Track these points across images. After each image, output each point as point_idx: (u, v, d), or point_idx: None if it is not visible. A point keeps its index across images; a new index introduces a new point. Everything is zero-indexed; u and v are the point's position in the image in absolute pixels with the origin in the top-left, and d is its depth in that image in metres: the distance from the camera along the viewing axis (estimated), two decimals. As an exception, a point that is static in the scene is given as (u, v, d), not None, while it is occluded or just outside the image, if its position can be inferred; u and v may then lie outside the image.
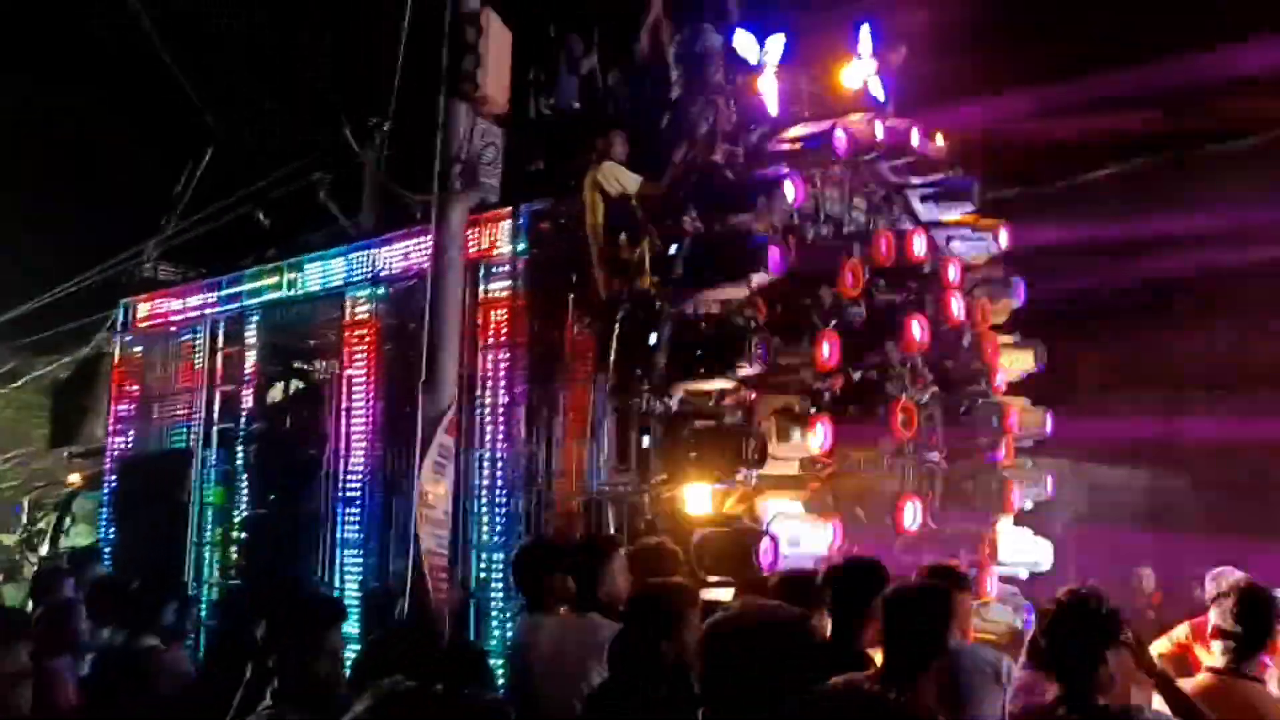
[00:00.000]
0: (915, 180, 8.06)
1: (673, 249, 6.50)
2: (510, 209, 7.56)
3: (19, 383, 17.21)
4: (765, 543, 5.89)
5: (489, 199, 6.89)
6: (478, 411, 7.44)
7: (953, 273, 7.82)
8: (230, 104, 13.59)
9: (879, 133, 7.18)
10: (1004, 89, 9.26)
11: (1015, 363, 8.57)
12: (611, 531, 6.53)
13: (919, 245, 7.52)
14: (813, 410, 6.76)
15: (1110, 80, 9.51)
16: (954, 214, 8.28)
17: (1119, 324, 10.78)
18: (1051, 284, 8.99)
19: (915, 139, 7.64)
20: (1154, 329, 10.91)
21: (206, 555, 9.41)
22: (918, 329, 7.01)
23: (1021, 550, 8.27)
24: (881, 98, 8.17)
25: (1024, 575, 8.34)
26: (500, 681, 6.06)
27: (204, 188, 13.44)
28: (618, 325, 6.54)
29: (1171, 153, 10.10)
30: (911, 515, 6.74)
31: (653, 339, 6.30)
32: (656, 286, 6.51)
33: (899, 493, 6.91)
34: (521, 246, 7.50)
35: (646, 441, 6.29)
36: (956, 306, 7.59)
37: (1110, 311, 10.72)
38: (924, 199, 8.19)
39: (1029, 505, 8.35)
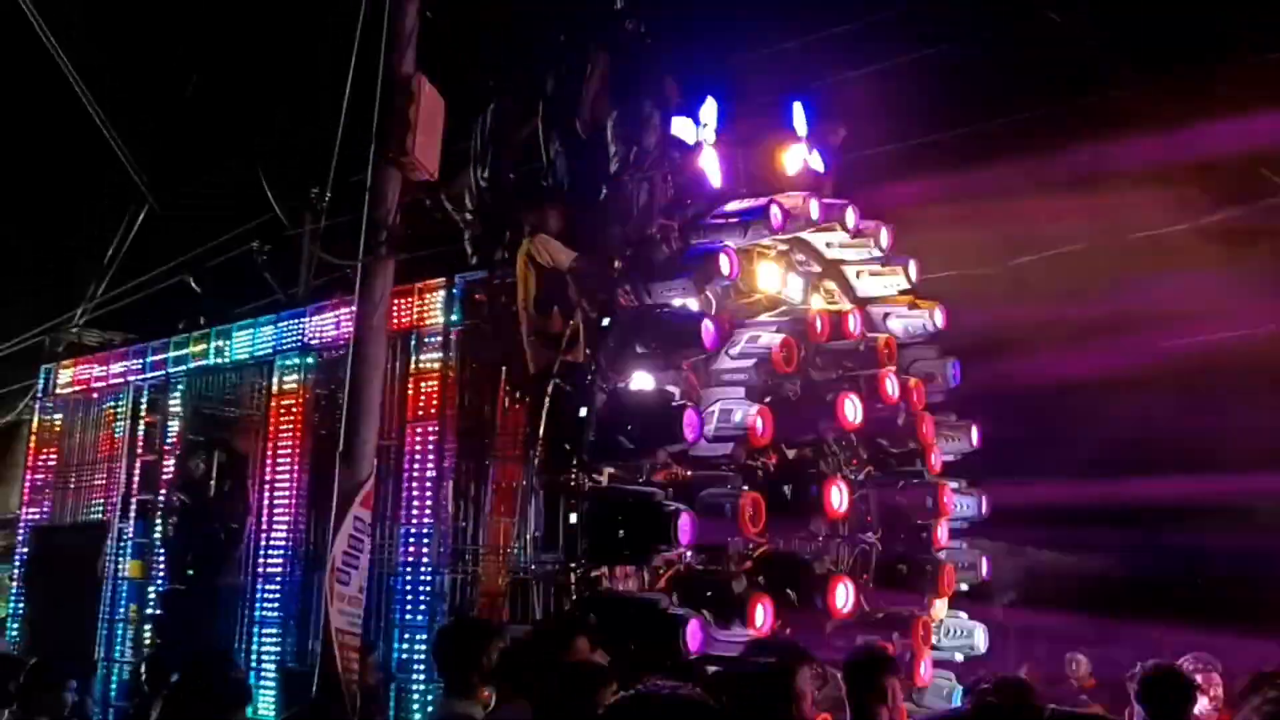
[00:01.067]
0: (851, 257, 8.07)
1: (605, 323, 6.40)
2: (444, 279, 7.47)
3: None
4: (691, 625, 5.73)
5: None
6: (404, 485, 7.25)
7: (888, 351, 7.80)
8: (166, 170, 13.44)
9: (814, 210, 7.17)
10: (942, 171, 9.36)
11: (951, 443, 8.54)
12: (538, 613, 6.35)
13: (854, 323, 7.49)
14: (745, 488, 6.64)
15: (1047, 162, 9.68)
16: (890, 292, 8.31)
17: (1051, 404, 10.87)
18: (986, 366, 9.03)
19: (850, 217, 7.66)
20: (1080, 408, 11.03)
21: (119, 631, 9.05)
22: (851, 407, 6.95)
23: (957, 634, 8.18)
24: (820, 174, 8.22)
25: (959, 659, 8.24)
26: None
27: (138, 254, 13.23)
28: (547, 399, 6.41)
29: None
30: (843, 597, 6.61)
31: (582, 413, 6.17)
32: (588, 360, 6.40)
33: (831, 574, 6.78)
34: (455, 317, 7.39)
35: (574, 519, 6.12)
36: (891, 385, 7.54)
37: (1040, 392, 10.80)
38: (859, 276, 8.20)
39: (964, 587, 8.27)
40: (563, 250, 6.81)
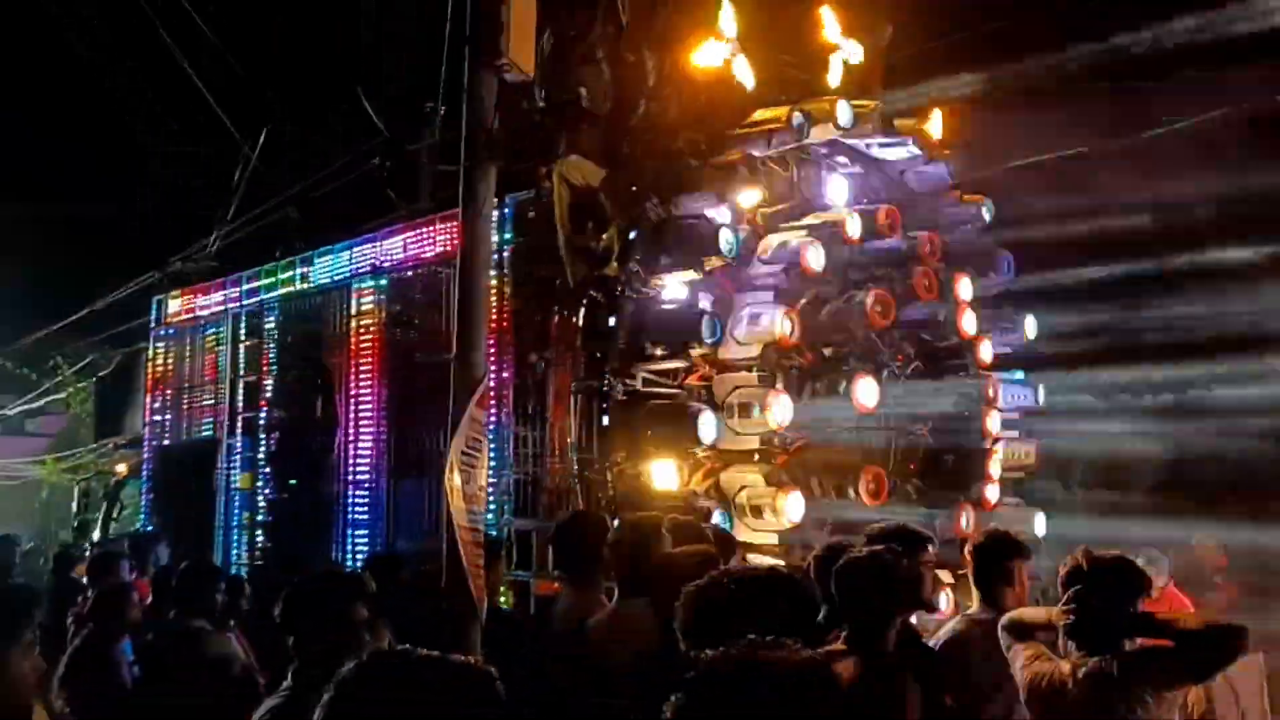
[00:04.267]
0: (892, 156, 8.15)
1: (632, 235, 6.71)
2: (496, 199, 7.85)
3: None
4: (714, 517, 6.11)
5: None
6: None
7: (929, 247, 7.90)
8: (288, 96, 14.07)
9: (842, 114, 7.25)
10: (987, 66, 9.26)
11: (1006, 335, 8.63)
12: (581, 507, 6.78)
13: (890, 222, 7.60)
14: (778, 387, 6.93)
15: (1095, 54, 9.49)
16: (936, 188, 8.37)
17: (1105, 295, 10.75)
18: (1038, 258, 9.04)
19: (881, 116, 7.72)
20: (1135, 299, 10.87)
21: (235, 538, 9.93)
22: (881, 307, 7.11)
23: (1010, 520, 8.34)
24: (866, 75, 8.27)
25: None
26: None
27: (262, 179, 13.90)
28: (583, 310, 6.79)
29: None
30: (873, 487, 6.88)
31: (612, 322, 6.53)
32: (618, 272, 6.73)
33: (863, 465, 7.05)
34: (508, 236, 7.78)
35: (606, 421, 6.52)
36: (928, 282, 7.67)
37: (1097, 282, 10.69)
38: (903, 175, 8.28)
39: (1013, 476, 8.43)
40: (595, 170, 7.11)
